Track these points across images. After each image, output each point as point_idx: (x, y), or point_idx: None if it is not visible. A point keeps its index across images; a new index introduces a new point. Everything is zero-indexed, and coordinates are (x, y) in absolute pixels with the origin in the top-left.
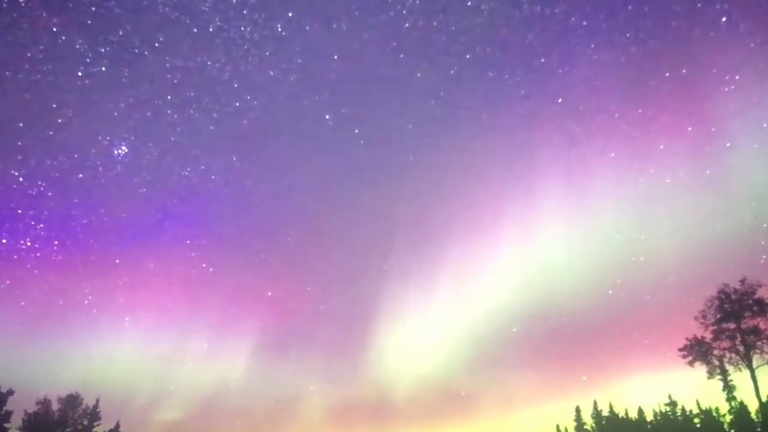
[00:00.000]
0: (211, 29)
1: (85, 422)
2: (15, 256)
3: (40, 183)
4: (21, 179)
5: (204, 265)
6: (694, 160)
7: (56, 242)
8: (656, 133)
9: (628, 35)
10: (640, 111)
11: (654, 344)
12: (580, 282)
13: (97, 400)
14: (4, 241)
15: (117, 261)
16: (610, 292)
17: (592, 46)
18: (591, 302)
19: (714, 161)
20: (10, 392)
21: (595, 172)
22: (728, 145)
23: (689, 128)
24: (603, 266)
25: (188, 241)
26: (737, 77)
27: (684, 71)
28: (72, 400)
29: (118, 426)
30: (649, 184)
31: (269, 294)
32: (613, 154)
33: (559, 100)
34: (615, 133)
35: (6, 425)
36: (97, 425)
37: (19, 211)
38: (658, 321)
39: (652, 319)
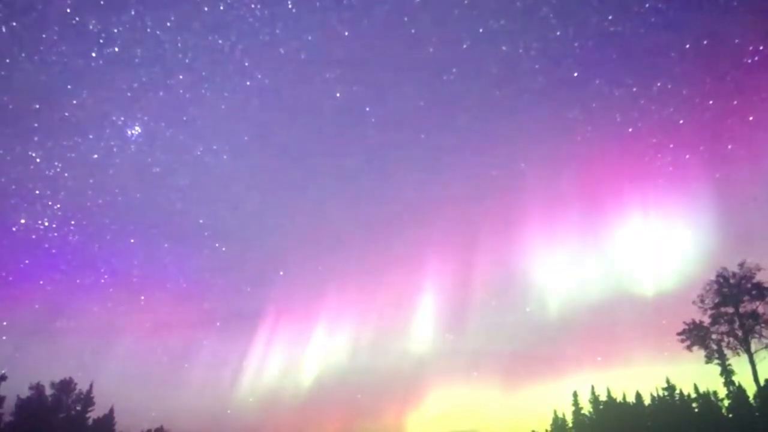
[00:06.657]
0: (221, 7)
1: (78, 408)
2: (33, 236)
3: (56, 164)
4: (38, 160)
5: (217, 245)
6: (715, 135)
7: (72, 222)
8: (676, 107)
9: (647, 5)
10: (659, 84)
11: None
12: (594, 263)
13: (91, 385)
14: (22, 221)
15: (132, 240)
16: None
17: (610, 17)
18: (603, 287)
19: (736, 136)
20: (3, 377)
21: (611, 148)
22: (751, 119)
23: (710, 102)
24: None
25: (201, 221)
26: (761, 48)
27: (705, 42)
28: (65, 386)
29: (112, 411)
30: (668, 160)
31: (281, 273)
32: (630, 129)
33: (575, 74)
34: (633, 107)
35: None
36: (91, 410)
37: (37, 192)
38: (676, 303)
39: (670, 301)
